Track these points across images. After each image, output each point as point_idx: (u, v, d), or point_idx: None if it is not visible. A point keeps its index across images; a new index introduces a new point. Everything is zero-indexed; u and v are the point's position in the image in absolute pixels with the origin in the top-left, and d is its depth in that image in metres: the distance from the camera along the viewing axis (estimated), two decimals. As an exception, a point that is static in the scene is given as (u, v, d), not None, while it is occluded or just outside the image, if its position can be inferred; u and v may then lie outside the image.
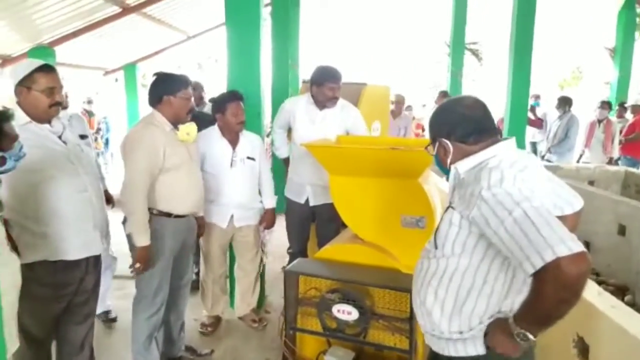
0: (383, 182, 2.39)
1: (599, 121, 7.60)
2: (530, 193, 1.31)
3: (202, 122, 3.06)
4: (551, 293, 1.25)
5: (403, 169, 2.32)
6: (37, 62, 2.24)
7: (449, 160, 1.54)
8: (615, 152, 7.63)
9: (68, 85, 3.22)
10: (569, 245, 1.21)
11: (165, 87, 2.54)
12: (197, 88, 4.53)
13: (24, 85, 2.16)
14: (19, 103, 2.18)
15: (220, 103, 3.10)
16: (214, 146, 3.09)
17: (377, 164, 2.36)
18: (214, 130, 3.13)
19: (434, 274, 1.56)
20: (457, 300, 1.51)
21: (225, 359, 3.04)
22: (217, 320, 3.44)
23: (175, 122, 2.57)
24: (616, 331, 1.85)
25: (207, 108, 4.22)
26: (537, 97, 8.79)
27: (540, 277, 1.25)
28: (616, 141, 7.63)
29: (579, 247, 1.21)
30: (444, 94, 7.97)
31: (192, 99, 2.67)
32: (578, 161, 7.38)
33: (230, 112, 3.06)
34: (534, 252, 1.24)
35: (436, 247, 1.55)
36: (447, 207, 1.55)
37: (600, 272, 4.16)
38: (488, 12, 11.93)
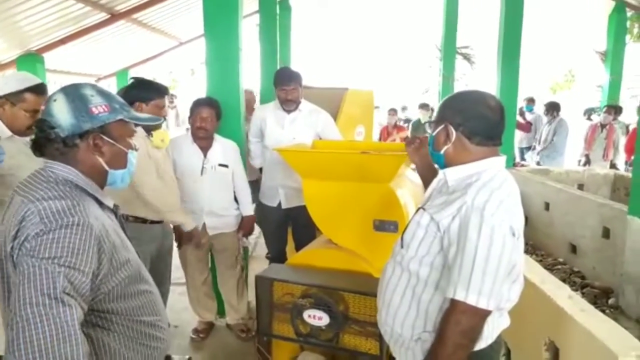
0: (355, 186, 2.38)
1: (602, 126, 7.47)
2: (499, 235, 1.33)
3: None
4: (450, 324, 1.37)
5: (374, 173, 2.31)
6: (32, 81, 2.21)
7: (445, 148, 1.51)
8: (619, 158, 7.54)
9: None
10: (480, 299, 1.32)
11: (138, 93, 2.53)
12: None
13: (9, 99, 2.14)
14: None
15: (192, 105, 3.11)
16: (184, 152, 3.06)
17: (349, 168, 2.35)
18: (186, 136, 3.13)
19: (398, 281, 1.56)
20: (420, 304, 1.51)
21: (203, 366, 3.03)
22: (209, 327, 3.43)
23: (146, 129, 2.56)
24: (584, 335, 1.84)
25: None
26: (530, 100, 8.71)
27: (449, 306, 1.39)
28: (620, 147, 7.52)
29: (484, 305, 1.33)
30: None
31: (166, 109, 2.67)
32: (585, 165, 7.30)
33: (196, 116, 3.04)
34: (453, 283, 1.36)
35: (402, 246, 1.56)
36: (418, 209, 1.55)
37: (586, 275, 4.17)
38: (479, 16, 11.98)
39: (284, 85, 3.25)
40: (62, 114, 1.27)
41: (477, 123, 1.47)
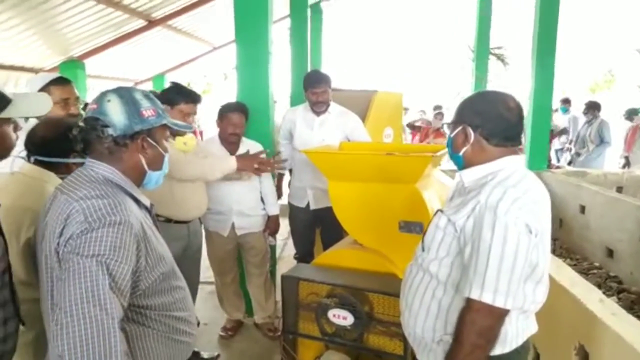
0: (381, 187, 2.39)
1: None
2: (514, 233, 1.32)
3: None
4: (466, 323, 1.38)
5: (400, 174, 2.32)
6: (52, 75, 2.33)
7: (464, 149, 1.52)
8: None
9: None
10: (497, 298, 1.32)
11: (167, 97, 2.60)
12: None
13: None
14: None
15: (222, 110, 3.17)
16: (213, 155, 3.10)
17: (374, 169, 2.36)
18: (214, 139, 3.20)
19: (419, 283, 1.57)
20: (440, 306, 1.52)
21: (231, 363, 3.10)
22: (238, 325, 3.50)
23: (171, 133, 2.61)
24: (614, 339, 1.80)
25: None
26: (565, 101, 8.50)
27: (465, 306, 1.40)
28: None
29: (500, 304, 1.33)
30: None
31: (195, 117, 2.73)
32: (624, 167, 7.08)
33: (227, 121, 3.10)
34: (469, 282, 1.37)
35: (423, 250, 1.57)
36: (437, 211, 1.57)
37: (623, 280, 4.04)
38: (513, 16, 11.74)
39: (314, 88, 3.30)
40: (116, 115, 1.35)
41: (495, 124, 1.48)
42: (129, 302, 1.27)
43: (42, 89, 2.24)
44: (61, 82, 2.31)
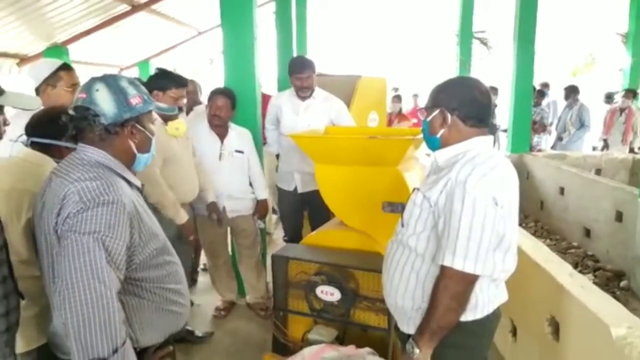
0: (365, 170, 2.49)
1: (621, 110, 7.42)
2: (481, 205, 1.44)
3: None
4: (440, 289, 1.51)
5: (383, 157, 2.42)
6: (58, 62, 2.38)
7: (441, 132, 1.63)
8: (637, 142, 7.49)
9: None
10: (466, 264, 1.45)
11: (157, 82, 2.69)
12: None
13: (49, 83, 2.29)
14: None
15: (210, 93, 3.26)
16: (203, 139, 3.20)
17: (358, 152, 2.46)
18: (203, 124, 3.27)
19: (400, 257, 1.68)
20: (418, 277, 1.64)
21: (224, 340, 3.21)
22: (230, 305, 3.61)
23: (163, 118, 2.70)
24: (580, 309, 1.94)
25: None
26: (544, 85, 8.62)
27: (439, 273, 1.53)
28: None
29: (470, 270, 1.46)
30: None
31: (185, 100, 2.83)
32: (603, 149, 7.28)
33: (212, 103, 3.19)
34: (442, 251, 1.50)
35: (402, 225, 1.68)
36: (414, 190, 1.68)
37: (599, 258, 4.21)
38: (496, 0, 11.82)
39: (298, 74, 3.37)
40: (106, 104, 1.42)
41: (470, 107, 1.60)
42: (126, 275, 1.37)
43: (52, 75, 2.29)
44: (68, 68, 2.37)
